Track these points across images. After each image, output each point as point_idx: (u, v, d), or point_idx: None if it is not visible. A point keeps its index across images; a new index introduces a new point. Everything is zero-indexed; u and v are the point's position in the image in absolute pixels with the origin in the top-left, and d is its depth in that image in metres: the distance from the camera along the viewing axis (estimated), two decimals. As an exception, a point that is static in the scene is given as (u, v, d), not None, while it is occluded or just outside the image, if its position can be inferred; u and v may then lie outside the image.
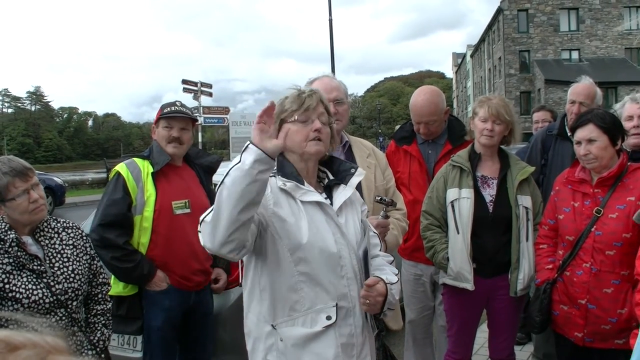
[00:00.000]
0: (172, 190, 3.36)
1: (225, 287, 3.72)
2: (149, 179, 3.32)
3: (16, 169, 2.48)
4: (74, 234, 2.74)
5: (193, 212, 3.34)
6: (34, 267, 2.49)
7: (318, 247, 2.09)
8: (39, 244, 2.58)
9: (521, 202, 3.27)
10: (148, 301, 3.31)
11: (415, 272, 3.92)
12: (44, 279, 2.50)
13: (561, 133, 4.16)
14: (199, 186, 3.53)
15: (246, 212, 1.85)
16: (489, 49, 51.75)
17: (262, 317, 2.13)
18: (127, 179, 3.29)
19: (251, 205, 1.85)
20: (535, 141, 4.36)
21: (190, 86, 16.73)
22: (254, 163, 1.80)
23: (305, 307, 2.09)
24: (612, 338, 2.87)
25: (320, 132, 2.19)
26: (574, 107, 4.04)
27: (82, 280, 2.66)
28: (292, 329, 2.09)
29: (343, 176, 2.29)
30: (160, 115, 3.45)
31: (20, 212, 2.49)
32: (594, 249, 2.89)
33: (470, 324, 3.51)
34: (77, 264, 2.66)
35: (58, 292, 2.52)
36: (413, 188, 3.81)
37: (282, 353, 2.09)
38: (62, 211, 16.22)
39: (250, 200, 1.83)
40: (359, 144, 3.26)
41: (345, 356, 2.12)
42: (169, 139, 3.40)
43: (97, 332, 2.75)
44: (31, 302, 2.44)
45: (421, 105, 3.78)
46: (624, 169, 2.93)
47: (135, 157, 3.45)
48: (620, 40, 42.24)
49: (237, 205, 1.82)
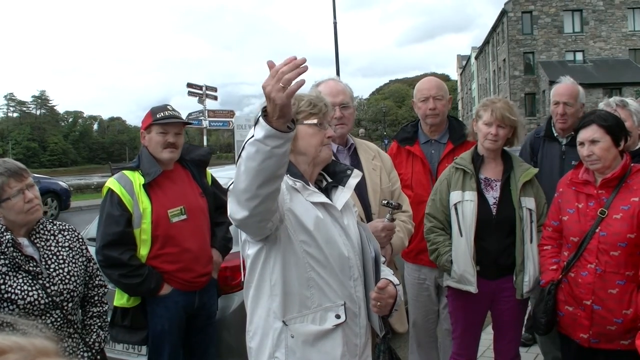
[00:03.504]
0: (167, 199, 3.31)
1: (230, 291, 3.73)
2: (142, 191, 3.27)
3: (11, 169, 2.53)
4: (69, 236, 2.77)
5: (190, 217, 3.34)
6: (29, 268, 2.52)
7: (330, 246, 2.11)
8: (35, 246, 2.62)
9: (525, 204, 3.27)
10: (152, 305, 3.30)
11: (419, 276, 3.92)
12: (40, 280, 2.53)
13: (548, 135, 4.21)
14: (193, 186, 3.48)
15: (266, 187, 1.79)
16: (494, 50, 51.69)
17: (273, 313, 2.11)
18: (122, 195, 3.23)
19: (271, 180, 1.79)
20: (524, 145, 4.40)
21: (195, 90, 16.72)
22: (265, 139, 1.71)
23: (315, 304, 2.09)
24: (617, 339, 2.87)
25: (331, 139, 2.27)
26: (558, 108, 4.05)
27: (77, 282, 2.68)
28: (302, 325, 2.09)
29: (340, 178, 2.31)
30: (153, 121, 3.36)
31: (16, 212, 2.53)
32: (599, 250, 2.88)
33: (475, 326, 3.51)
34: (73, 266, 2.69)
35: (53, 294, 2.55)
36: (416, 188, 3.81)
37: (291, 350, 2.08)
38: (67, 215, 16.22)
39: (268, 176, 1.77)
40: (364, 146, 3.26)
41: (350, 356, 2.14)
42: (165, 145, 3.33)
43: (92, 334, 2.77)
44: (26, 303, 2.46)
45: (428, 81, 3.98)
46: (628, 170, 2.93)
47: (124, 170, 3.37)
48: (624, 42, 42.18)
49: (256, 181, 1.77)
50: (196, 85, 16.87)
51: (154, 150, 3.36)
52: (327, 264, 2.10)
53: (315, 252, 2.09)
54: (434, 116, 3.83)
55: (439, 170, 3.76)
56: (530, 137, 4.40)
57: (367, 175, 3.01)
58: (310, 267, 2.09)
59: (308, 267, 2.08)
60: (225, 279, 3.72)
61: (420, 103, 3.88)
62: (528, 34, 43.06)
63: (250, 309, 2.22)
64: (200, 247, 3.39)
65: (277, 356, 2.10)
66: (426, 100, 3.82)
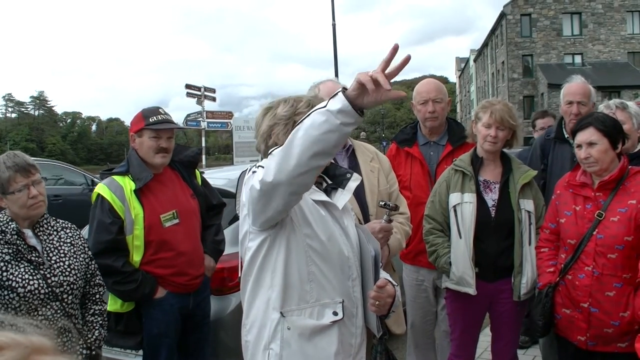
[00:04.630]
0: (159, 204, 3.26)
1: (227, 292, 3.72)
2: (133, 196, 3.20)
3: (19, 164, 2.60)
4: (72, 234, 2.82)
5: (182, 221, 3.31)
6: (31, 258, 2.58)
7: (331, 243, 2.12)
8: (38, 238, 2.68)
9: (523, 206, 3.28)
10: (148, 309, 3.26)
11: (417, 278, 3.92)
12: (41, 270, 2.59)
13: (559, 136, 4.07)
14: (184, 188, 3.44)
15: (317, 159, 1.79)
16: (492, 53, 51.75)
17: (271, 304, 2.10)
18: (112, 201, 3.17)
19: (324, 155, 1.79)
20: (534, 146, 4.33)
21: (193, 91, 16.70)
22: (338, 112, 1.73)
23: (313, 298, 2.10)
24: (614, 341, 2.87)
25: None
26: (572, 107, 3.88)
27: (77, 276, 2.72)
28: (300, 318, 2.09)
29: (340, 180, 2.30)
30: (145, 125, 3.28)
31: (19, 206, 2.60)
32: (596, 252, 2.89)
33: (473, 327, 3.51)
34: (74, 260, 2.73)
35: (53, 284, 2.59)
36: (415, 190, 3.82)
37: (287, 342, 2.07)
38: (65, 216, 16.18)
39: (324, 149, 1.77)
40: (362, 148, 3.26)
41: (345, 355, 2.14)
42: (157, 150, 3.27)
43: (94, 331, 2.80)
44: (26, 291, 2.51)
45: (427, 83, 3.98)
46: (625, 172, 2.94)
47: (114, 175, 3.29)
48: (623, 45, 42.25)
49: (310, 149, 1.77)
50: (195, 86, 16.85)
51: (145, 155, 3.29)
52: (328, 260, 2.11)
53: (317, 246, 2.09)
54: (433, 119, 3.83)
55: (437, 172, 3.77)
56: (540, 139, 4.32)
57: (365, 177, 3.01)
58: (312, 261, 2.09)
59: (309, 260, 2.09)
60: (222, 280, 3.71)
61: (419, 105, 3.89)
62: (527, 37, 43.13)
63: (248, 302, 2.20)
64: (193, 250, 3.37)
65: (272, 347, 2.09)
66: (425, 102, 3.83)
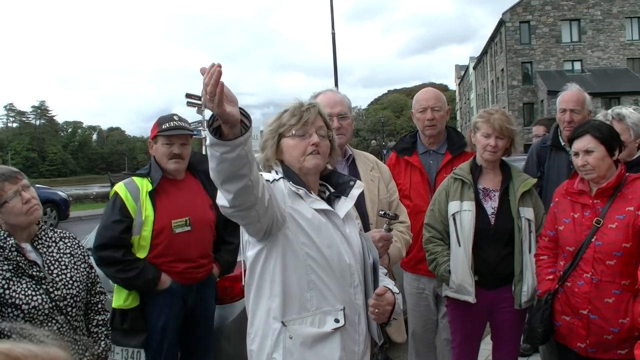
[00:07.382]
0: (172, 209, 3.32)
1: (229, 301, 3.73)
2: (147, 198, 3.29)
3: (4, 173, 2.57)
4: (71, 244, 2.81)
5: (194, 229, 3.35)
6: (33, 273, 2.54)
7: (331, 251, 2.13)
8: (38, 251, 2.64)
9: (523, 214, 3.29)
10: (152, 298, 3.31)
11: (418, 286, 3.93)
12: (43, 285, 2.55)
13: (555, 144, 4.13)
14: (203, 197, 3.49)
15: (230, 184, 1.84)
16: (492, 60, 51.82)
17: (272, 314, 2.12)
18: (126, 199, 3.27)
19: (233, 179, 1.82)
20: (530, 154, 4.36)
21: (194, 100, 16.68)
22: (212, 146, 1.77)
23: (314, 306, 2.10)
24: (614, 348, 2.87)
25: (319, 145, 2.20)
26: (565, 115, 3.99)
27: (80, 287, 2.71)
28: (301, 327, 2.09)
29: (343, 188, 2.31)
30: (158, 132, 3.40)
31: (16, 215, 2.55)
32: (595, 259, 2.90)
33: (474, 335, 3.51)
34: (75, 271, 2.72)
35: (57, 298, 2.57)
36: (415, 198, 3.83)
37: (289, 351, 2.09)
38: (66, 225, 16.17)
39: (228, 176, 1.82)
40: (362, 157, 3.28)
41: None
42: (170, 156, 3.38)
43: (101, 342, 2.80)
44: (30, 308, 2.48)
45: (426, 92, 4.00)
46: (623, 179, 2.95)
47: (134, 176, 3.42)
48: (622, 51, 42.30)
49: (218, 179, 1.85)
50: (195, 95, 16.80)
51: (160, 161, 3.42)
52: (327, 268, 2.11)
53: (316, 255, 2.10)
54: (432, 127, 3.85)
55: (437, 180, 3.78)
56: (536, 147, 4.35)
57: (366, 186, 3.03)
58: (311, 270, 2.10)
59: (309, 269, 2.10)
60: (224, 290, 3.73)
61: (418, 114, 3.91)
62: (526, 44, 43.21)
63: (251, 311, 2.22)
64: (200, 258, 3.41)
65: (275, 357, 2.10)
66: (424, 111, 3.85)
